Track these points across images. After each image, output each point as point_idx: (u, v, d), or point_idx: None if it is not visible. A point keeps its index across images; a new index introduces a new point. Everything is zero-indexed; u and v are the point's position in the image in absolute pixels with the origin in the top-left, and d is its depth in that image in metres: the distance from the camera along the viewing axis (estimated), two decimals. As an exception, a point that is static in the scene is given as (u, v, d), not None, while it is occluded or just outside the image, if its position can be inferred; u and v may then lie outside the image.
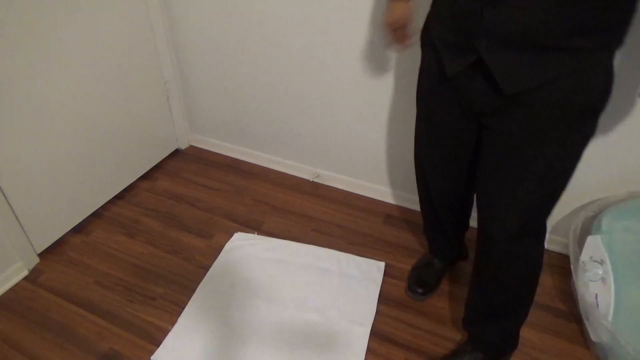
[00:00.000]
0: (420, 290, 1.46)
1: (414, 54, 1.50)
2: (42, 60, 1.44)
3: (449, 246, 1.48)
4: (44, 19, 1.41)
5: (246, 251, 1.63)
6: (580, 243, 1.35)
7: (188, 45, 1.90)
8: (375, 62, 1.57)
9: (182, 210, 1.83)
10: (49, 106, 1.50)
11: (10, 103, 1.38)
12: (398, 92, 1.60)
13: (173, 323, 1.38)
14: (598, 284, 1.24)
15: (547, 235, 1.54)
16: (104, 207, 1.83)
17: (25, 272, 1.55)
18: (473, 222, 1.32)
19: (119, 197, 1.89)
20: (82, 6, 1.51)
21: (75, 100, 1.58)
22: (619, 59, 1.18)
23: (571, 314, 1.41)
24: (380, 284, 1.51)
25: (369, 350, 1.32)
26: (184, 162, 2.12)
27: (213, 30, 1.80)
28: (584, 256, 1.30)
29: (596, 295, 1.24)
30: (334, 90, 1.71)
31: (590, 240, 1.31)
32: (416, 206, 1.83)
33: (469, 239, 1.49)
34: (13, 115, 1.40)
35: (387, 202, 1.88)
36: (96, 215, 1.80)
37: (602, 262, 1.25)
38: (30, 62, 1.40)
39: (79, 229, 1.73)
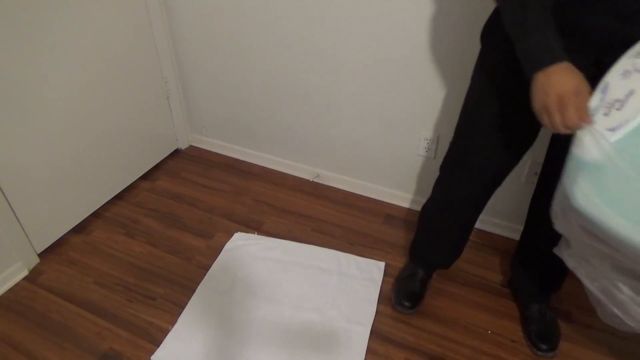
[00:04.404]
0: (408, 304, 1.42)
1: (411, 55, 1.50)
2: (41, 60, 1.43)
3: (448, 256, 1.45)
4: (44, 18, 1.41)
5: (246, 251, 1.63)
6: None
7: (188, 45, 1.90)
8: (375, 62, 1.57)
9: (182, 210, 1.83)
10: (49, 106, 1.50)
11: (10, 103, 1.38)
12: (398, 92, 1.60)
13: (173, 323, 1.38)
14: None
15: None
16: (104, 207, 1.83)
17: (25, 272, 1.55)
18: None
19: (119, 197, 1.89)
20: (81, 6, 1.51)
21: (75, 100, 1.58)
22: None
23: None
24: (380, 284, 1.51)
25: (369, 350, 1.31)
26: (184, 162, 2.12)
27: (213, 31, 1.80)
28: None
29: (631, 91, 0.79)
30: (335, 90, 1.71)
31: None
32: (416, 206, 1.84)
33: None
34: (13, 115, 1.40)
35: (387, 202, 1.88)
36: (96, 215, 1.80)
37: None
38: (29, 62, 1.40)
39: (79, 229, 1.73)
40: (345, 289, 1.48)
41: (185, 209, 1.84)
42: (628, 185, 0.73)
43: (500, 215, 1.69)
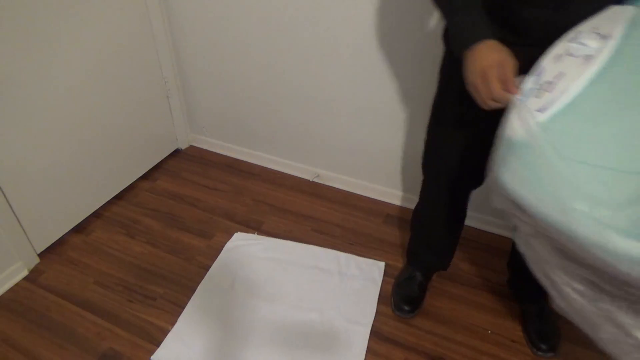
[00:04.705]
0: (407, 308, 1.42)
1: (412, 52, 1.50)
2: (42, 60, 1.43)
3: (441, 257, 1.44)
4: (44, 19, 1.41)
5: (246, 251, 1.63)
6: None
7: (188, 45, 1.90)
8: (375, 62, 1.57)
9: (182, 210, 1.83)
10: (49, 106, 1.50)
11: (10, 103, 1.38)
12: (398, 92, 1.60)
13: (173, 323, 1.38)
14: (575, 61, 0.81)
15: None
16: (104, 207, 1.83)
17: (25, 272, 1.55)
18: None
19: (119, 197, 1.89)
20: (82, 6, 1.51)
21: (75, 100, 1.58)
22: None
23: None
24: (380, 284, 1.51)
25: (369, 350, 1.32)
26: (184, 162, 2.12)
27: (213, 30, 1.80)
28: (586, 26, 0.85)
29: (560, 74, 0.80)
30: (334, 90, 1.71)
31: (613, 10, 0.86)
32: (416, 206, 1.84)
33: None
34: (13, 115, 1.40)
35: (387, 202, 1.88)
36: (96, 215, 1.80)
37: (605, 37, 0.81)
38: (30, 62, 1.40)
39: (79, 229, 1.73)
40: (345, 289, 1.48)
41: (185, 209, 1.84)
42: (549, 164, 0.75)
43: (500, 215, 1.68)
